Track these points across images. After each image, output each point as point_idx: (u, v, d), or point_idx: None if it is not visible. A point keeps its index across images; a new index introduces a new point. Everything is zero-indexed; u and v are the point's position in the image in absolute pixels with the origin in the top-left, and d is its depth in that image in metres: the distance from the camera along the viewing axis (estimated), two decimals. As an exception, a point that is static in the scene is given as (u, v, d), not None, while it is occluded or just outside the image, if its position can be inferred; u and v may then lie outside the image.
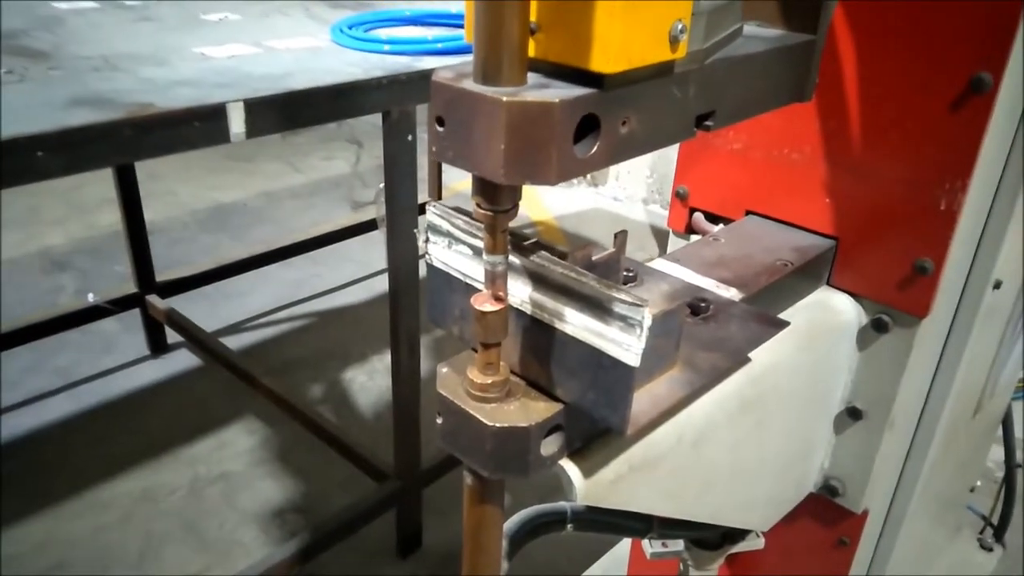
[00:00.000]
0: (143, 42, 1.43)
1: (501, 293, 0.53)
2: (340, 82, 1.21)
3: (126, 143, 1.00)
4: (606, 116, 0.48)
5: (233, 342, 2.78)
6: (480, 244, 0.56)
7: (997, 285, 0.91)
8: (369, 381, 2.54)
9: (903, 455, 0.99)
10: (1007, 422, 1.48)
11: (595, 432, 0.61)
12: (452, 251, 0.62)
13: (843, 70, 0.80)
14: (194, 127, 1.04)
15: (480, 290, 0.54)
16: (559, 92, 0.45)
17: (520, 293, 0.57)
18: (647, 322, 0.50)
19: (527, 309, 0.56)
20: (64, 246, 3.45)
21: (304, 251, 3.01)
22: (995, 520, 1.59)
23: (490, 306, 0.53)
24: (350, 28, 1.55)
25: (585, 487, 0.60)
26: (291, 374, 2.59)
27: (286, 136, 4.47)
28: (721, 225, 0.95)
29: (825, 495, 0.95)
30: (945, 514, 1.35)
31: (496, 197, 0.50)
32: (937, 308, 0.83)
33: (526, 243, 0.63)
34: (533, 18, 0.48)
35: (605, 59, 0.45)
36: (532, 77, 0.48)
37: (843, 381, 0.89)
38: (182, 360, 2.60)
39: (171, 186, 4.00)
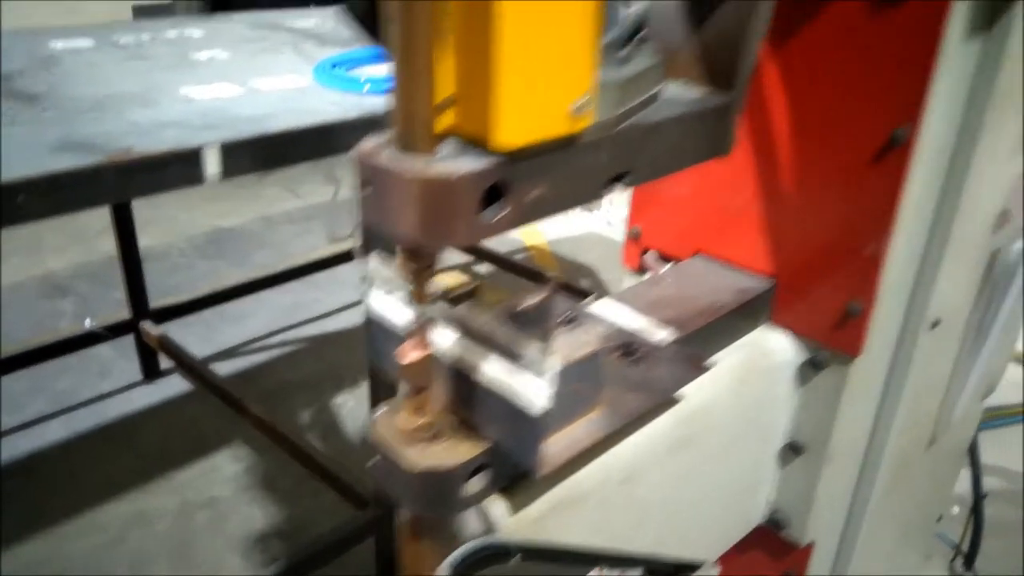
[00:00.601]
0: (134, 82, 1.49)
1: (425, 342, 0.57)
2: (315, 124, 1.26)
3: (107, 187, 1.05)
4: (512, 185, 0.52)
5: (228, 366, 2.83)
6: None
7: (934, 324, 0.94)
8: (359, 407, 2.58)
9: (850, 488, 1.02)
10: (974, 452, 1.51)
11: (522, 470, 0.64)
12: (391, 297, 0.66)
13: (774, 121, 0.85)
14: (172, 170, 1.09)
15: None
16: (464, 165, 0.50)
17: (449, 340, 0.61)
18: (552, 373, 0.54)
19: (452, 356, 0.60)
20: (65, 272, 3.51)
21: (300, 276, 3.07)
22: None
23: (413, 355, 0.57)
24: (333, 68, 1.61)
25: (510, 524, 0.64)
26: (284, 399, 2.63)
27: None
28: (669, 264, 0.99)
29: (771, 528, 0.98)
30: (908, 544, 1.37)
31: (416, 255, 0.55)
32: (871, 347, 0.87)
33: (460, 292, 0.67)
34: (453, 89, 0.52)
35: (503, 135, 0.49)
36: (449, 145, 0.52)
37: (784, 417, 0.93)
38: (174, 385, 2.65)
39: (170, 212, 4.07)
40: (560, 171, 0.55)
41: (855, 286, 0.83)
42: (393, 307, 0.65)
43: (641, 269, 1.05)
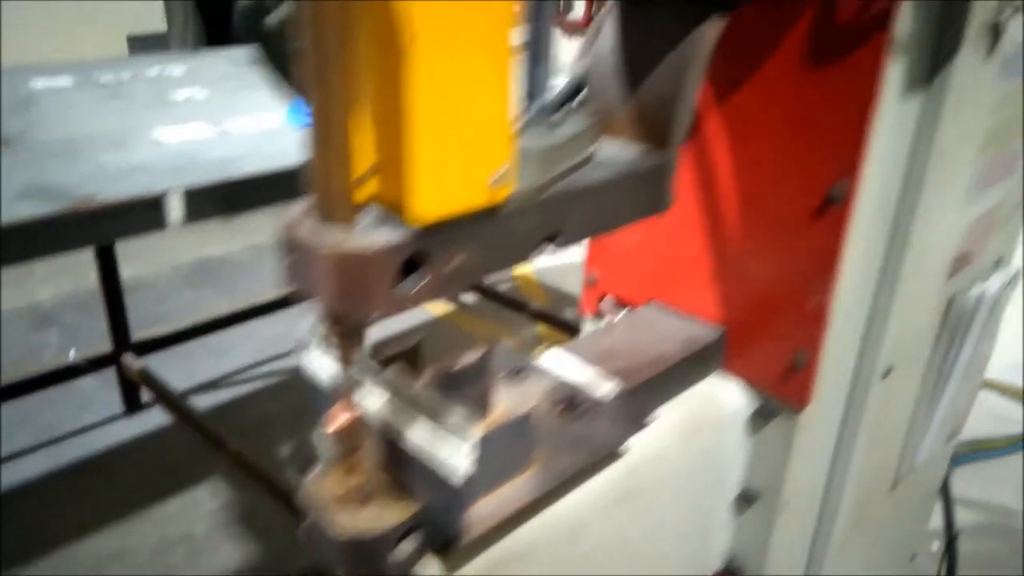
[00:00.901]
0: (108, 124, 1.50)
1: (352, 406, 0.58)
2: (281, 168, 1.28)
3: (69, 234, 1.06)
4: (431, 255, 0.53)
5: (212, 398, 2.83)
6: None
7: (887, 373, 0.94)
8: (341, 439, 2.57)
9: (808, 535, 1.01)
10: (946, 490, 1.51)
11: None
12: (327, 357, 0.66)
13: (720, 174, 0.86)
14: (134, 216, 1.10)
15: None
16: (380, 237, 0.50)
17: (378, 403, 0.61)
18: (474, 440, 0.54)
19: (380, 420, 0.60)
20: (52, 302, 3.52)
21: (285, 306, 3.07)
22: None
23: (339, 421, 0.57)
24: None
25: (445, 585, 0.63)
26: (266, 431, 2.62)
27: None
28: (624, 312, 1.00)
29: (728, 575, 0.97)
30: (879, 585, 1.36)
31: (341, 320, 0.55)
32: (821, 397, 0.87)
33: (397, 351, 0.67)
34: (374, 158, 0.53)
35: (419, 208, 0.50)
36: (371, 213, 0.53)
37: (736, 465, 0.93)
38: (155, 419, 2.64)
39: (159, 240, 4.07)
40: (482, 239, 0.56)
41: (800, 338, 0.83)
42: (328, 367, 0.65)
43: (599, 315, 1.05)
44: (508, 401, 0.73)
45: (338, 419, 0.57)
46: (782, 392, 0.87)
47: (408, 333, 0.72)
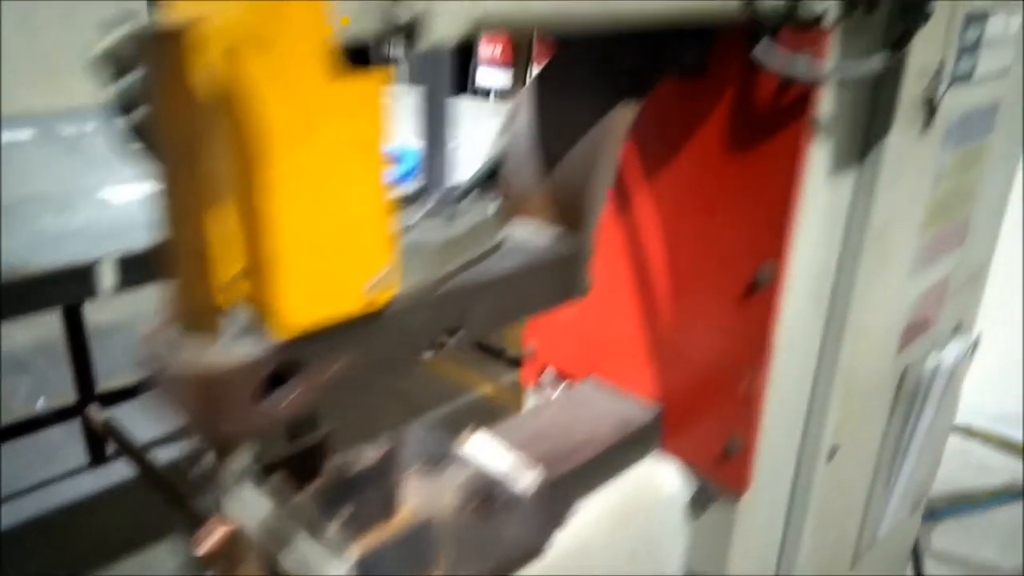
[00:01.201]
0: (57, 182, 1.48)
1: (225, 521, 0.54)
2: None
3: (-7, 304, 1.03)
4: (304, 365, 0.50)
5: (182, 448, 2.76)
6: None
7: (832, 453, 0.91)
8: (310, 492, 2.50)
9: (758, 620, 0.97)
10: (916, 555, 1.46)
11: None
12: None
13: (651, 252, 0.83)
14: (65, 285, 1.07)
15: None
16: (240, 351, 0.47)
17: (258, 516, 0.57)
18: (349, 562, 0.50)
19: (259, 535, 0.56)
20: (26, 348, 3.46)
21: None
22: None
23: (213, 538, 0.53)
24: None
25: None
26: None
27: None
28: (561, 387, 0.96)
29: (672, 667, 0.92)
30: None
31: (207, 434, 0.52)
32: (761, 481, 0.84)
33: (278, 459, 0.63)
34: (243, 262, 0.50)
35: (286, 318, 0.47)
36: (240, 318, 0.50)
37: (677, 549, 0.88)
38: (120, 471, 2.58)
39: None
40: (365, 343, 0.53)
41: (734, 423, 0.80)
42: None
43: (540, 387, 1.02)
44: (419, 498, 0.69)
45: (211, 536, 0.53)
46: (719, 476, 0.83)
47: (316, 428, 0.69)
